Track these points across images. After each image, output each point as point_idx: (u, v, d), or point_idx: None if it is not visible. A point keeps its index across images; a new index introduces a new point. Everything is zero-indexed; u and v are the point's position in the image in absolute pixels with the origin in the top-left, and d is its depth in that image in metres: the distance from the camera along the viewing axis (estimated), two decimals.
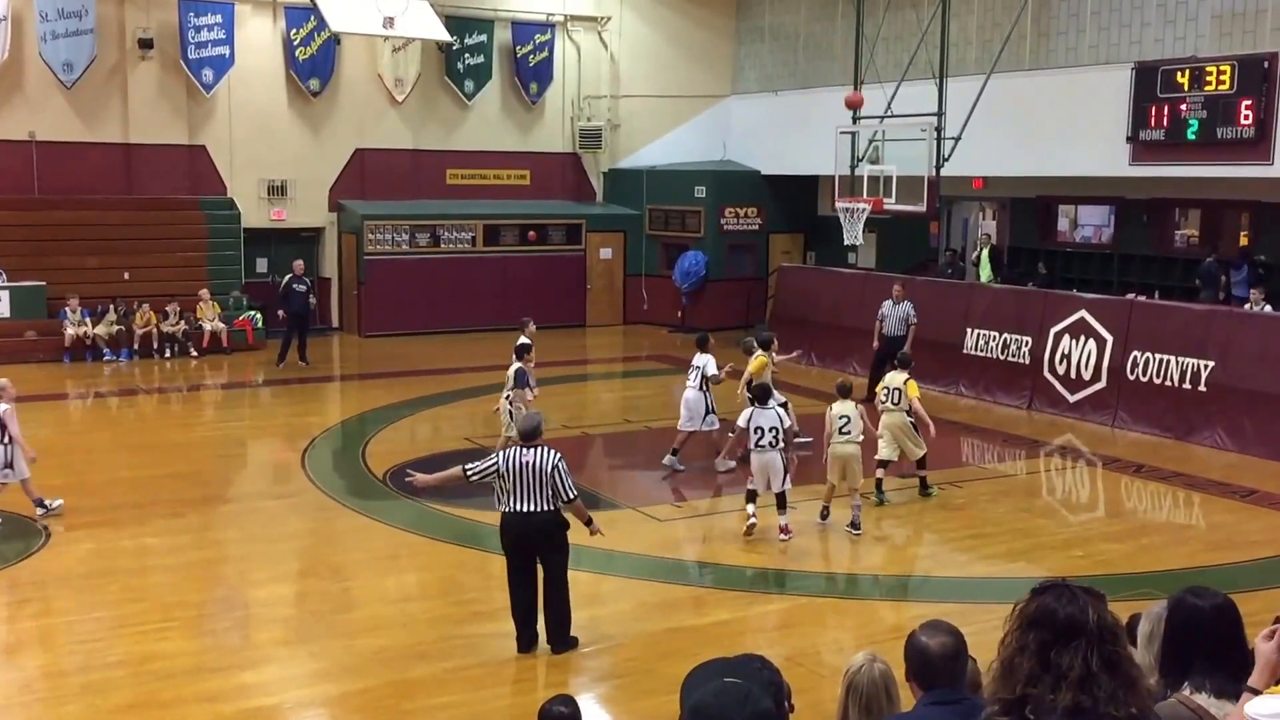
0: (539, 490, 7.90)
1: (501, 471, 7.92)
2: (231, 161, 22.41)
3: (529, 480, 7.90)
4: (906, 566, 10.41)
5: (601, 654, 8.20)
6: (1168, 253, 19.06)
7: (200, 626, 8.70)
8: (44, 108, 20.95)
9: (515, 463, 7.92)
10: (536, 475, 7.90)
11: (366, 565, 10.13)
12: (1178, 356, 15.06)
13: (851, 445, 10.84)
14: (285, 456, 13.95)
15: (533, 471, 7.90)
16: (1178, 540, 11.20)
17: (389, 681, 7.62)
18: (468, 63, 23.92)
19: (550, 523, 8.02)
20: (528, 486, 7.90)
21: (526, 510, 7.92)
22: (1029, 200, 20.82)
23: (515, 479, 7.90)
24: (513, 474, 7.90)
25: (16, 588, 9.28)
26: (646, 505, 11.85)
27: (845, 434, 10.81)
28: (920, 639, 3.70)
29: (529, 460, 7.92)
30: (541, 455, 7.96)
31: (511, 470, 7.90)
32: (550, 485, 7.92)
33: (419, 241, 23.32)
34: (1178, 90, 16.18)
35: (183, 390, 18.40)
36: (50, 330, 19.65)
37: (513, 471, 7.90)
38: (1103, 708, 2.68)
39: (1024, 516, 11.65)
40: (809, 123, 21.53)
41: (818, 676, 7.49)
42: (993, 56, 17.56)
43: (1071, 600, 2.78)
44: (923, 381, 18.16)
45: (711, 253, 24.25)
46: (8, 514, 10.94)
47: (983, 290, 18.62)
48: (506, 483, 7.91)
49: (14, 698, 7.35)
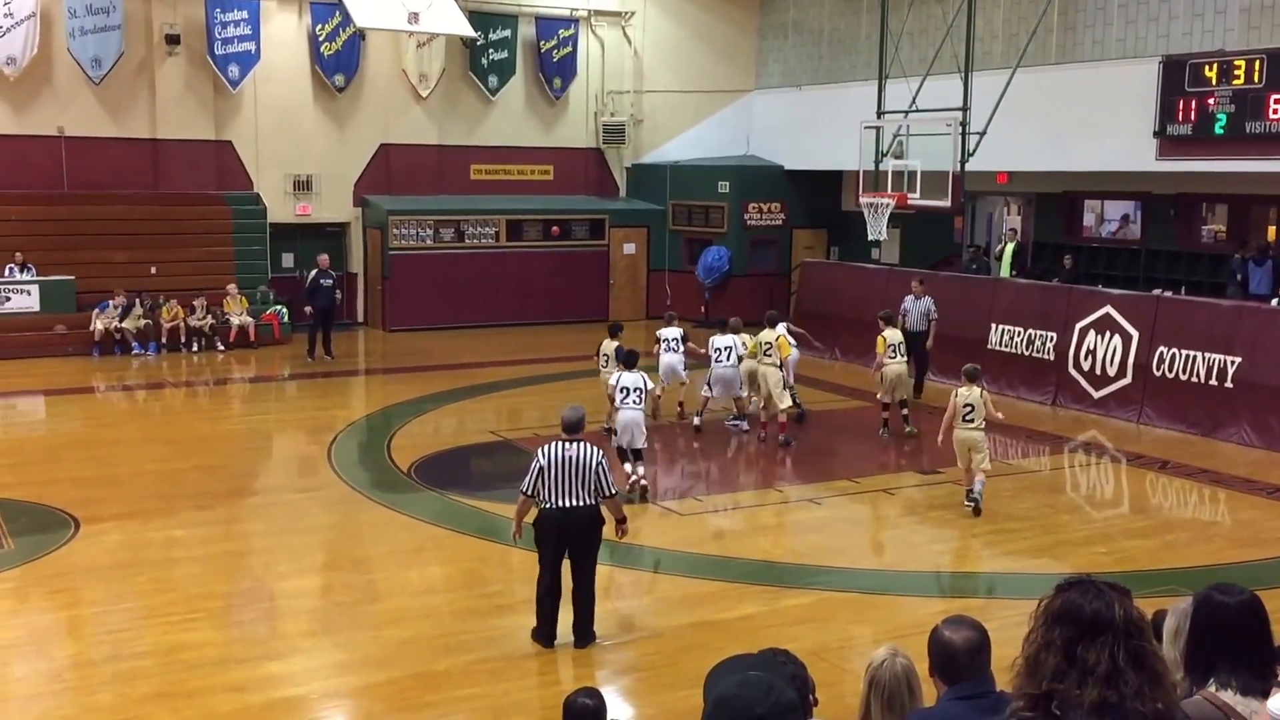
0: (582, 485, 7.88)
1: (544, 466, 7.87)
2: (257, 157, 22.56)
3: (573, 474, 7.87)
4: (930, 562, 10.38)
5: (624, 647, 8.23)
6: (1195, 248, 18.91)
7: (227, 617, 8.79)
8: (73, 103, 21.14)
9: (559, 456, 7.89)
10: (581, 470, 7.87)
11: (391, 558, 10.20)
12: (1204, 352, 14.96)
13: (976, 432, 11.40)
14: (310, 450, 14.05)
15: (577, 466, 7.87)
16: (1203, 537, 11.13)
17: (413, 673, 7.67)
18: (491, 58, 23.98)
19: (592, 518, 8.01)
20: (571, 481, 7.87)
21: (570, 505, 7.88)
22: (1054, 195, 20.69)
23: (558, 473, 7.86)
24: (556, 468, 7.86)
25: (47, 579, 9.39)
26: (669, 500, 11.87)
27: (969, 421, 11.35)
28: (943, 634, 3.70)
29: (572, 454, 7.90)
30: (584, 449, 7.95)
31: (555, 465, 7.86)
32: (594, 480, 7.91)
33: (443, 237, 23.40)
34: (1206, 84, 16.04)
35: (209, 384, 18.54)
36: (79, 324, 19.85)
37: (556, 466, 7.86)
38: (1129, 703, 2.67)
39: (1047, 512, 11.61)
40: (833, 118, 21.49)
41: (840, 671, 7.49)
42: (1018, 51, 17.47)
43: (1097, 596, 2.76)
44: (946, 377, 18.23)
45: (735, 248, 24.23)
46: (39, 506, 11.09)
47: (1007, 285, 18.53)
48: (548, 478, 7.86)
49: (45, 687, 7.44)
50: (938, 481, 12.55)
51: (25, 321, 19.60)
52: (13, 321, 19.50)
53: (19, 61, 20.40)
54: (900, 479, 12.75)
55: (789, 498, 12.10)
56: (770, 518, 11.46)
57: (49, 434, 15.33)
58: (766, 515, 11.52)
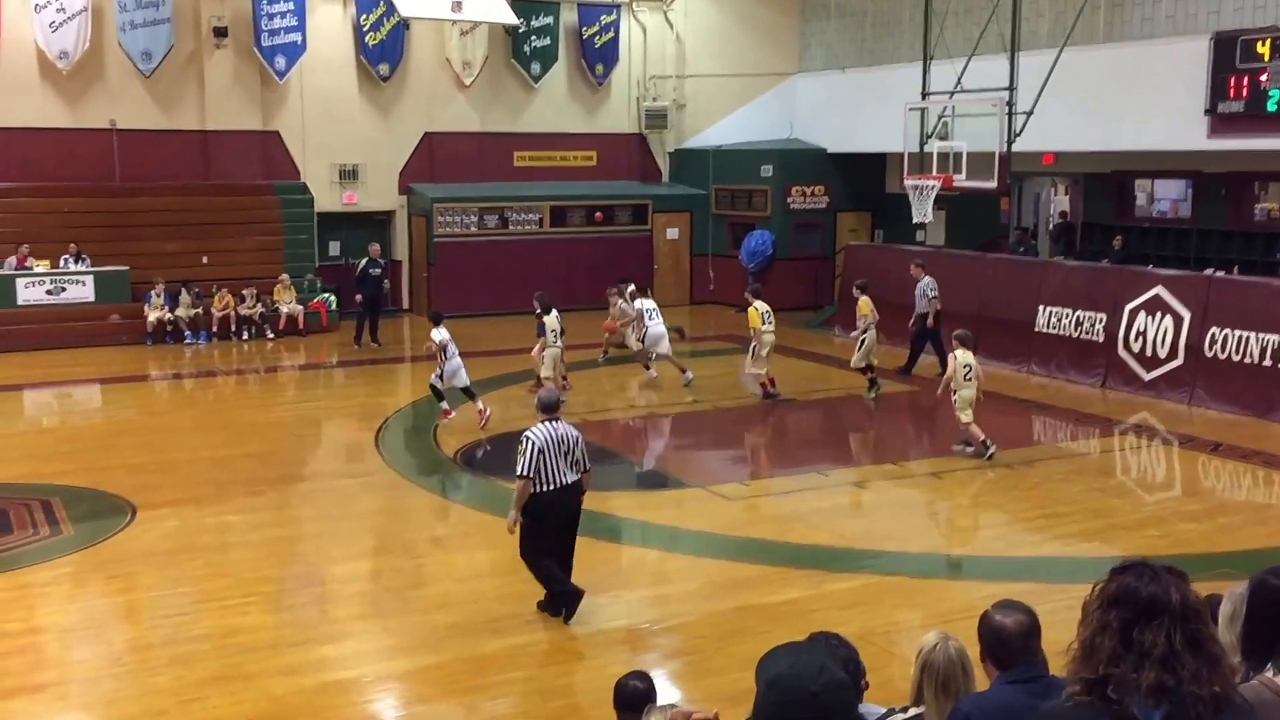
0: (571, 461, 8.16)
1: (542, 447, 8.04)
2: (304, 146, 22.78)
3: (566, 452, 8.13)
4: (978, 546, 10.33)
5: (670, 631, 8.27)
6: (1247, 227, 18.60)
7: (280, 601, 8.93)
8: (124, 96, 21.45)
9: (555, 437, 8.11)
10: (572, 446, 8.16)
11: (438, 543, 10.32)
12: (1258, 333, 14.73)
13: (975, 390, 12.49)
14: (359, 436, 14.21)
15: (570, 443, 8.15)
16: (1257, 519, 10.97)
17: (462, 656, 7.76)
18: (534, 45, 24.02)
19: (582, 492, 8.37)
20: (566, 458, 8.12)
21: (569, 482, 8.17)
22: (1103, 175, 20.43)
23: (556, 452, 8.08)
24: (555, 448, 8.07)
25: (105, 564, 9.58)
26: (715, 484, 11.89)
27: (969, 381, 12.41)
28: (995, 618, 3.71)
29: (564, 433, 8.16)
30: (567, 428, 8.26)
31: (553, 445, 8.07)
32: (580, 454, 8.21)
33: (487, 223, 23.52)
34: (1258, 60, 15.74)
35: (260, 372, 18.80)
36: (133, 314, 20.19)
37: (555, 446, 8.07)
38: (1186, 686, 2.65)
39: (1098, 496, 11.49)
40: (877, 100, 21.32)
41: (888, 655, 7.48)
42: (1065, 29, 17.22)
43: (1154, 579, 2.74)
44: (993, 359, 18.11)
45: (778, 232, 24.14)
46: (97, 492, 11.32)
47: (1055, 267, 18.33)
48: (547, 458, 8.05)
49: (104, 670, 7.60)
50: (987, 465, 12.47)
51: (80, 311, 19.98)
52: (69, 311, 19.89)
53: (71, 55, 20.73)
54: (948, 462, 12.67)
55: (834, 481, 12.09)
56: (815, 501, 11.43)
57: (105, 421, 15.62)
58: (811, 499, 11.49)
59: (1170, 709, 2.64)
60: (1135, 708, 2.65)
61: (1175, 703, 2.65)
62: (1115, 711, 2.66)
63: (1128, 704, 2.65)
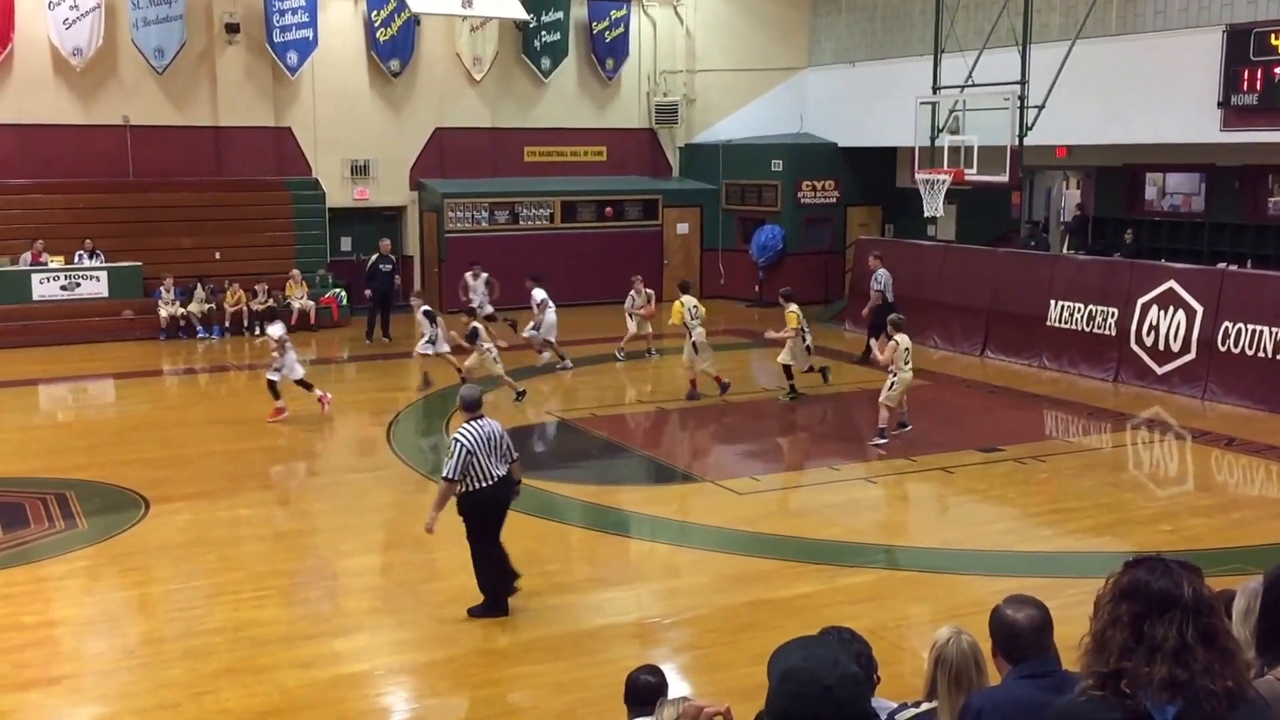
0: (499, 456, 8.31)
1: (474, 450, 8.16)
2: (316, 142, 22.84)
3: (495, 447, 8.28)
4: (990, 541, 10.31)
5: (681, 625, 8.29)
6: (1261, 221, 18.53)
7: (293, 595, 8.98)
8: (137, 93, 21.54)
9: (484, 435, 8.24)
10: (500, 441, 8.31)
11: (450, 537, 10.26)
12: (1271, 327, 14.69)
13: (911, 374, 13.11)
14: (371, 431, 14.26)
15: (498, 438, 8.31)
16: (1271, 515, 10.93)
17: (475, 650, 7.80)
18: (544, 40, 24.03)
19: (514, 480, 8.54)
20: (495, 453, 8.28)
21: (501, 475, 8.31)
22: (1115, 169, 20.36)
23: (489, 450, 8.23)
24: (484, 447, 8.21)
25: (119, 557, 9.63)
26: (725, 479, 11.90)
27: (908, 365, 12.93)
28: (1006, 612, 3.70)
29: (490, 430, 8.31)
30: (492, 423, 8.40)
31: (482, 445, 8.21)
32: (507, 447, 8.37)
33: (498, 219, 23.56)
34: (1272, 53, 15.68)
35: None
36: (146, 309, 20.28)
37: (484, 445, 8.21)
38: (1199, 680, 2.64)
39: (1110, 490, 11.47)
40: (887, 94, 21.27)
41: (899, 650, 7.50)
42: (1077, 22, 17.18)
43: (1165, 573, 2.74)
44: (1005, 354, 18.10)
45: (788, 226, 24.13)
46: (111, 486, 11.38)
47: (1067, 262, 18.29)
48: (481, 458, 8.19)
49: (120, 662, 7.66)
50: (997, 459, 12.47)
51: (95, 307, 20.08)
52: (83, 307, 19.99)
53: (85, 52, 20.81)
54: (959, 457, 12.65)
55: (845, 476, 12.09)
56: (826, 496, 11.44)
57: (119, 416, 15.70)
58: (822, 494, 11.50)
59: (1184, 704, 2.63)
60: (1148, 702, 2.64)
61: (1189, 697, 2.64)
62: (1129, 706, 2.65)
63: (1141, 698, 2.64)
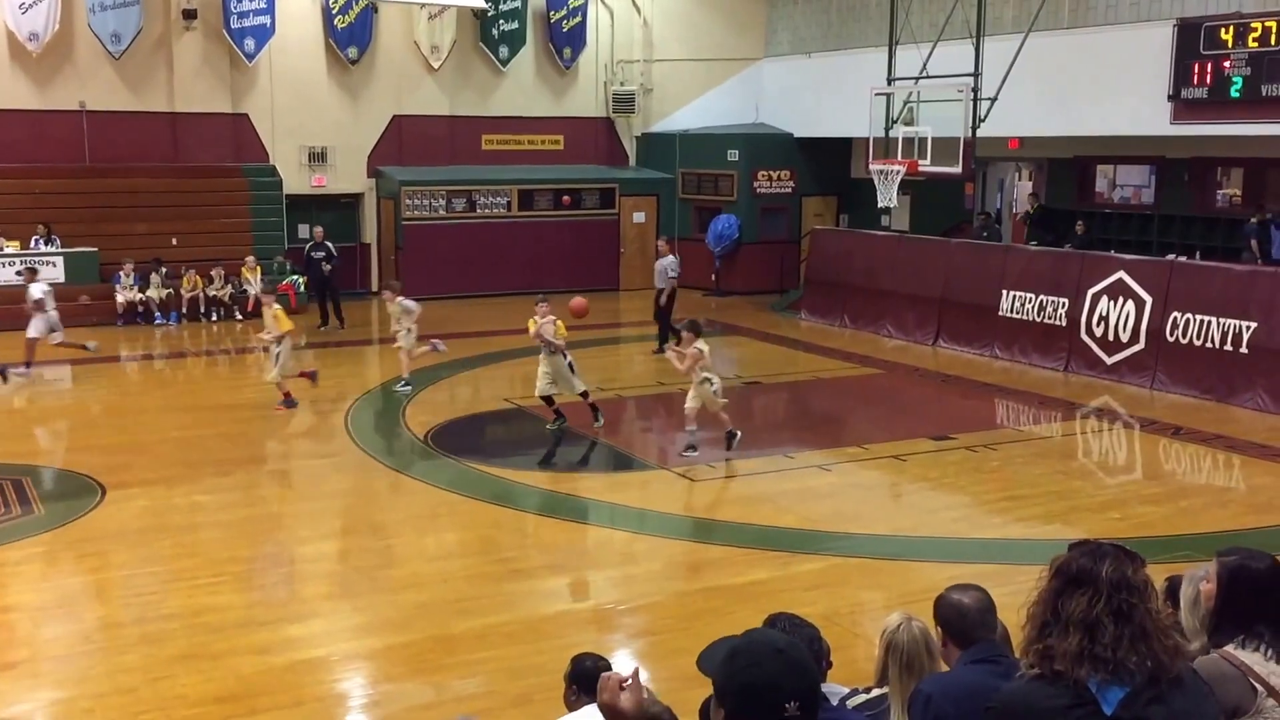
0: None
1: None
2: (273, 129, 22.68)
3: None
4: (942, 528, 10.46)
5: (636, 611, 8.38)
6: (1209, 213, 18.86)
7: (249, 581, 8.97)
8: (93, 78, 21.30)
9: None
10: None
11: (407, 523, 10.37)
12: (1219, 318, 14.97)
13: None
14: (328, 417, 14.23)
15: None
16: (1218, 502, 11.15)
17: (430, 636, 7.84)
18: (502, 29, 23.97)
19: None
20: None
21: None
22: (1067, 161, 20.64)
23: None
24: None
25: (75, 543, 9.60)
26: (680, 466, 12.00)
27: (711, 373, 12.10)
28: (953, 596, 3.81)
29: None
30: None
31: None
32: None
33: (455, 207, 23.52)
34: (1221, 47, 15.95)
35: (229, 353, 18.75)
36: (103, 295, 20.08)
37: None
38: (1117, 655, 2.68)
39: (1060, 479, 11.66)
40: (842, 85, 21.44)
41: (852, 635, 7.61)
42: (1030, 15, 17.37)
43: (1090, 554, 2.80)
44: (957, 344, 18.30)
45: (744, 216, 24.25)
46: (67, 473, 11.30)
47: (1019, 252, 18.54)
48: None
49: (75, 647, 7.64)
50: (950, 447, 12.65)
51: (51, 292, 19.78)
52: None
53: (41, 37, 20.54)
54: (911, 445, 12.83)
55: (799, 464, 12.23)
56: (780, 484, 11.56)
57: (75, 403, 15.56)
58: (777, 481, 11.63)
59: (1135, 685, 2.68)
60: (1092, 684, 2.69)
61: (1111, 671, 2.68)
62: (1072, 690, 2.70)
63: (1082, 679, 2.70)
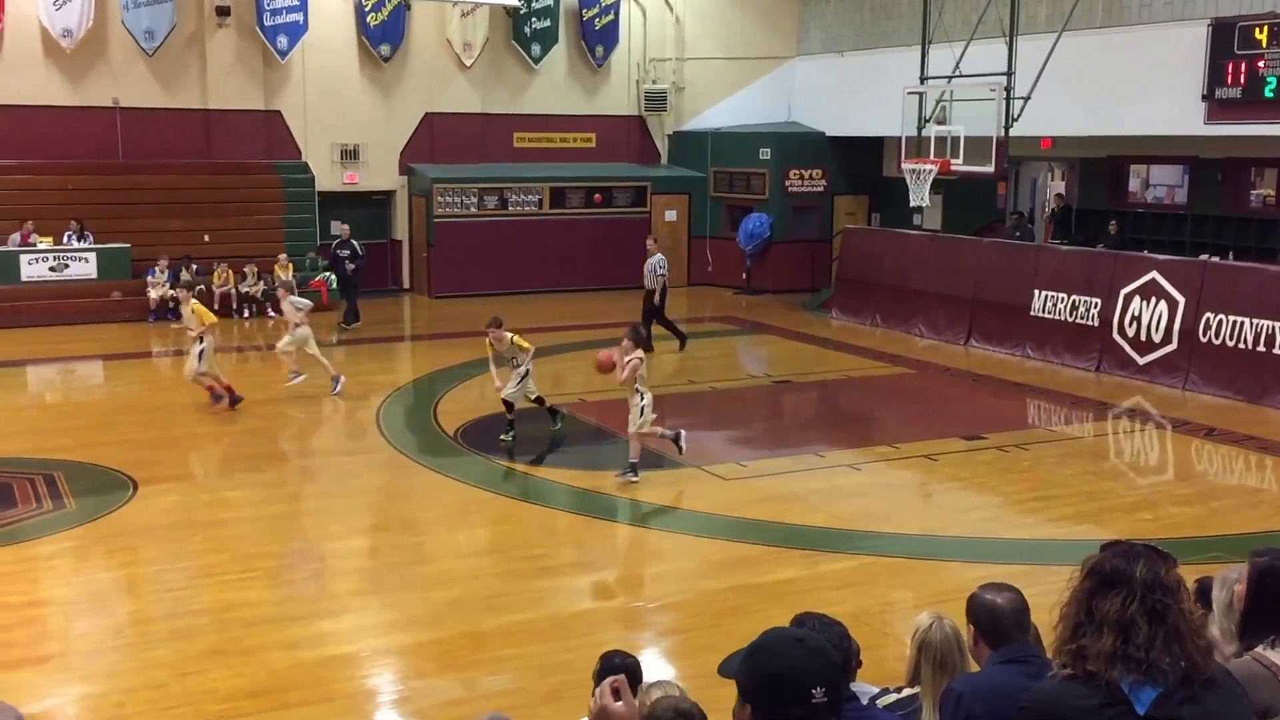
0: None
1: None
2: (305, 126, 22.81)
3: None
4: (972, 528, 10.41)
5: (666, 609, 8.38)
6: (1243, 213, 18.67)
7: (280, 577, 9.02)
8: (127, 75, 21.48)
9: None
10: None
11: (438, 520, 10.41)
12: (1252, 318, 14.83)
13: None
14: (359, 414, 14.31)
15: None
16: (1249, 503, 11.04)
17: (461, 632, 7.86)
18: (534, 26, 24.01)
19: None
20: None
21: None
22: (1099, 160, 20.48)
23: None
24: None
25: (106, 538, 9.69)
26: (712, 464, 11.98)
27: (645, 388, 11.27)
28: (986, 597, 3.79)
29: None
30: None
31: None
32: None
33: (487, 204, 23.58)
34: (1256, 46, 15.79)
35: (260, 349, 18.87)
36: (135, 290, 20.28)
37: None
38: (1150, 655, 2.66)
39: (1091, 479, 11.58)
40: (875, 83, 21.35)
41: (882, 635, 7.58)
42: (1064, 14, 17.24)
43: (1123, 554, 2.79)
44: (989, 344, 18.18)
45: (776, 215, 24.20)
46: (99, 468, 11.42)
47: (1051, 252, 18.41)
48: None
49: (106, 642, 7.71)
50: (981, 447, 12.58)
51: (83, 288, 20.09)
52: (71, 288, 19.99)
53: (75, 34, 20.74)
54: (942, 445, 12.76)
55: (829, 463, 12.19)
56: (811, 483, 11.53)
57: (107, 397, 15.73)
58: (807, 480, 11.59)
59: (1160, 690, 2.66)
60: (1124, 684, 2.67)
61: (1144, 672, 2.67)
62: (1104, 690, 2.68)
63: (1115, 679, 2.68)
